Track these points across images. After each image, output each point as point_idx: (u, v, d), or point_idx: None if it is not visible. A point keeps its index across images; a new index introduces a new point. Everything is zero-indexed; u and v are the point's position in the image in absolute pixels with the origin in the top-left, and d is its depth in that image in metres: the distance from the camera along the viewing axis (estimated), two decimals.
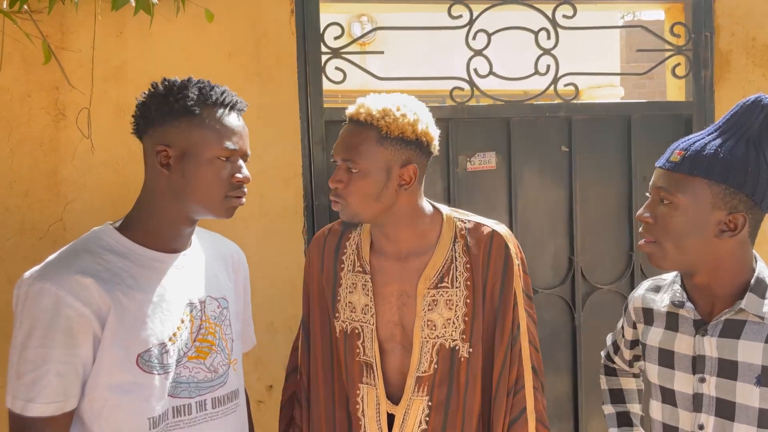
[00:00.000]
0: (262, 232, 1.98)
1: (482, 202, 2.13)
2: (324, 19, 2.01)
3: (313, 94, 1.99)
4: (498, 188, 2.15)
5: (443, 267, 1.39)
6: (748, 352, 1.23)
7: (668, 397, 1.34)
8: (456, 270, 1.39)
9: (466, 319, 1.37)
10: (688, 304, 1.31)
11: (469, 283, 1.38)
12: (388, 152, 1.32)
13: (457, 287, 1.38)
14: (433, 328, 1.37)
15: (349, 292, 1.44)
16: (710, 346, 1.27)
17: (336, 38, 2.00)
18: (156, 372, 1.18)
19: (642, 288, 1.48)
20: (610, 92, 5.62)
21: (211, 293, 1.32)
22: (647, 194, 1.31)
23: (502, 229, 1.43)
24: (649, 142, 2.20)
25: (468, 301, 1.38)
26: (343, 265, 1.45)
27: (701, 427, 1.28)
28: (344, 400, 1.44)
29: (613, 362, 1.63)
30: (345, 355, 1.43)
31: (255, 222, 1.98)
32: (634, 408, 1.61)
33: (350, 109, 1.37)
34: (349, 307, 1.43)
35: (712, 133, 1.27)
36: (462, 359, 1.37)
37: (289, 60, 1.98)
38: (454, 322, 1.37)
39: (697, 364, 1.29)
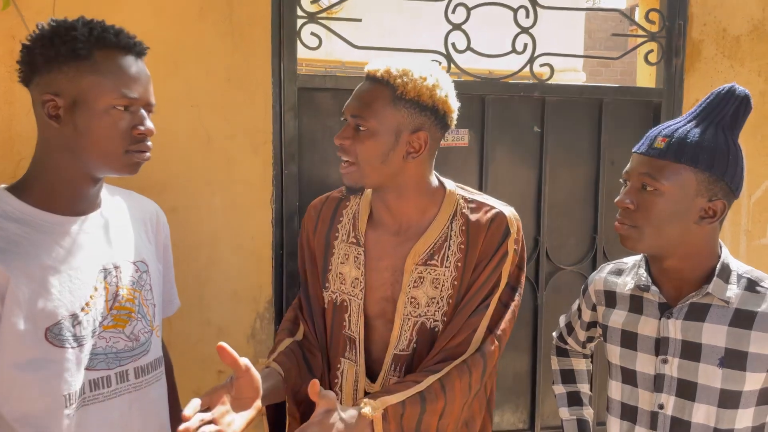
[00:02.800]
0: (229, 199, 1.92)
1: (453, 179, 2.10)
2: None
3: (286, 59, 1.93)
4: (469, 165, 2.14)
5: (435, 244, 1.34)
6: (712, 334, 1.27)
7: (629, 377, 1.37)
8: (448, 249, 1.33)
9: (450, 301, 1.32)
10: (654, 288, 1.34)
11: (459, 264, 1.32)
12: (400, 114, 1.25)
13: (446, 267, 1.33)
14: (416, 306, 1.33)
15: (341, 263, 1.39)
16: (674, 329, 1.30)
17: (312, 2, 1.93)
18: (69, 345, 1.09)
19: (603, 271, 1.50)
20: (574, 76, 5.70)
21: (128, 257, 1.23)
22: (622, 180, 1.32)
23: (508, 210, 1.36)
24: (618, 127, 2.23)
25: (456, 283, 1.32)
26: (337, 234, 1.40)
27: (661, 406, 1.32)
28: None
29: (566, 343, 1.67)
30: (332, 326, 1.39)
31: (222, 188, 1.91)
32: (584, 388, 1.65)
33: (369, 66, 1.30)
34: (339, 278, 1.39)
35: (690, 121, 1.29)
36: None
37: (263, 21, 1.90)
38: (438, 302, 1.33)
39: (660, 345, 1.32)
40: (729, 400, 1.26)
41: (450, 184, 1.40)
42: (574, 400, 1.63)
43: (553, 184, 2.20)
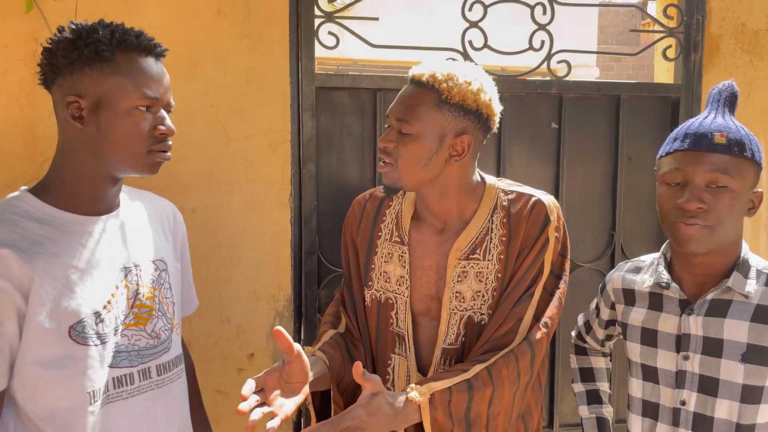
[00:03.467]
0: (247, 199, 1.94)
1: None
2: None
3: (304, 59, 1.94)
4: (487, 162, 2.14)
5: (477, 238, 1.34)
6: (733, 330, 1.27)
7: (650, 374, 1.38)
8: (490, 242, 1.34)
9: (495, 293, 1.33)
10: (674, 285, 1.34)
11: (502, 257, 1.33)
12: (445, 118, 1.26)
13: (489, 260, 1.34)
14: (462, 300, 1.34)
15: (385, 261, 1.40)
16: (695, 325, 1.30)
17: (330, 1, 1.94)
18: (92, 343, 1.11)
19: (621, 269, 1.50)
20: (587, 72, 5.67)
21: (147, 256, 1.24)
22: (673, 183, 1.27)
23: (547, 198, 1.36)
24: (636, 123, 2.22)
25: (499, 275, 1.33)
26: (380, 233, 1.42)
27: (683, 402, 1.32)
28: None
29: (585, 342, 1.66)
30: (378, 324, 1.40)
31: (240, 189, 1.93)
32: (604, 386, 1.65)
33: (414, 70, 1.31)
34: (383, 277, 1.40)
35: (720, 114, 1.32)
36: None
37: (280, 21, 1.91)
38: (483, 295, 1.34)
39: (681, 342, 1.32)
40: (751, 395, 1.26)
41: (490, 179, 1.41)
42: (593, 398, 1.63)
43: (570, 180, 2.19)
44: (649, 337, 1.37)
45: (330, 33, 1.95)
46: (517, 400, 1.30)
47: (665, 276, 1.36)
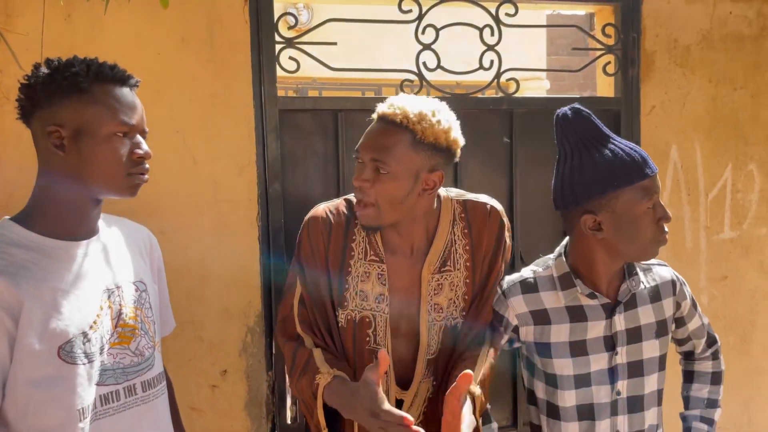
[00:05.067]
0: (216, 220, 1.99)
1: None
2: (277, 8, 2.04)
3: (266, 83, 2.01)
4: (446, 177, 2.23)
5: (444, 251, 1.42)
6: (644, 315, 1.48)
7: (583, 381, 1.46)
8: (456, 253, 1.43)
9: (466, 297, 1.44)
10: (599, 295, 1.45)
11: (468, 264, 1.44)
12: (419, 157, 1.32)
13: (458, 269, 1.43)
14: (440, 311, 1.42)
15: (361, 281, 1.42)
16: (620, 322, 1.46)
17: (290, 28, 2.02)
18: (80, 362, 1.16)
19: (514, 294, 1.50)
20: (538, 84, 5.86)
21: (128, 278, 1.30)
22: (657, 203, 1.38)
23: (497, 205, 1.51)
24: None
25: (467, 281, 1.44)
26: (353, 253, 1.43)
27: (618, 393, 1.46)
28: None
29: None
30: (354, 344, 1.42)
31: (209, 209, 1.99)
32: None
33: (383, 108, 1.36)
34: (360, 296, 1.42)
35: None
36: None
37: (242, 47, 1.99)
38: (455, 302, 1.43)
39: (611, 341, 1.46)
40: (663, 361, 1.52)
41: (442, 191, 1.48)
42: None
43: (523, 191, 2.32)
44: (579, 348, 1.46)
45: (291, 58, 2.03)
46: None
47: (585, 288, 1.45)
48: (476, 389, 1.33)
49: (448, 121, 1.37)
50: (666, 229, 1.39)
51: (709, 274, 2.46)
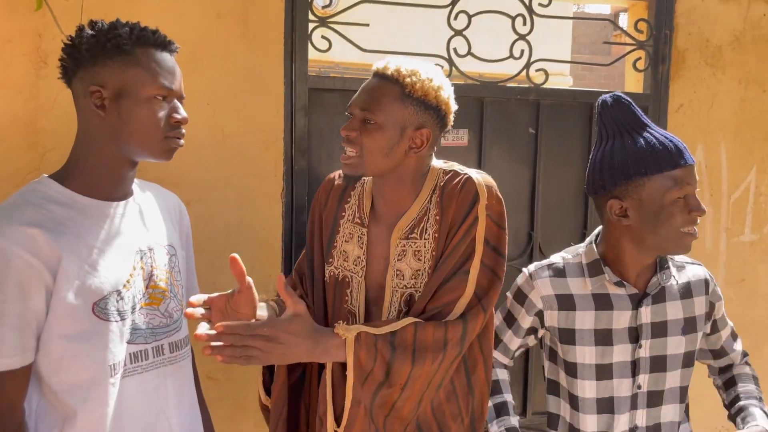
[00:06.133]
0: (241, 194, 2.02)
1: None
2: None
3: (298, 61, 2.03)
4: (468, 164, 2.21)
5: (416, 218, 1.39)
6: (673, 310, 1.46)
7: (604, 372, 1.45)
8: (427, 222, 1.38)
9: (431, 272, 1.36)
10: (627, 284, 1.45)
11: (436, 235, 1.36)
12: (407, 111, 1.33)
13: (425, 239, 1.38)
14: (402, 278, 1.39)
15: (345, 241, 1.45)
16: (646, 315, 1.44)
17: (324, 7, 2.04)
18: (113, 319, 1.19)
19: (541, 275, 1.49)
20: (561, 80, 5.85)
21: (160, 241, 1.33)
22: (688, 196, 1.37)
23: (478, 176, 1.37)
24: None
25: (434, 253, 1.36)
26: (344, 213, 1.48)
27: (639, 386, 1.45)
28: None
29: None
30: (334, 300, 1.45)
31: (235, 184, 2.01)
32: (509, 397, 1.59)
33: (378, 64, 1.38)
34: (342, 255, 1.45)
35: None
36: None
37: (276, 25, 2.00)
38: (421, 274, 1.38)
39: (636, 333, 1.45)
40: (689, 359, 1.50)
41: (436, 162, 1.44)
42: (500, 411, 1.55)
43: (546, 182, 2.33)
44: (603, 337, 1.44)
45: (323, 37, 2.05)
46: (440, 371, 1.30)
47: (614, 277, 1.45)
48: (343, 329, 1.26)
49: (440, 81, 1.35)
50: (698, 221, 1.37)
51: (727, 276, 2.46)
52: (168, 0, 1.91)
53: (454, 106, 1.40)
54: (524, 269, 1.54)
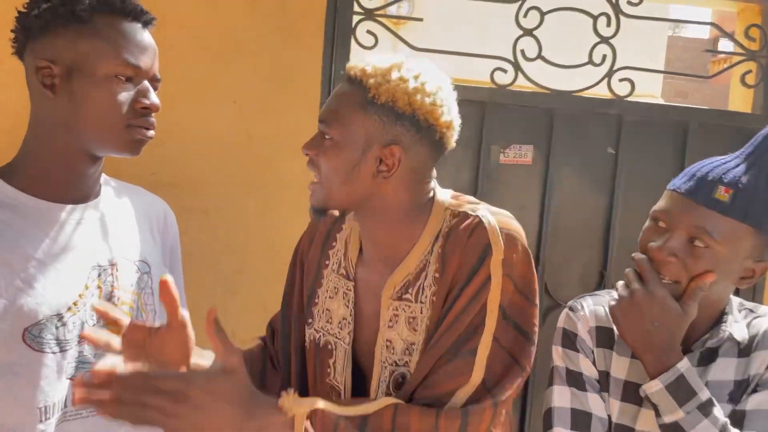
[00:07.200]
0: (264, 204, 1.79)
1: (511, 201, 1.92)
2: None
3: (339, 58, 1.80)
4: (531, 187, 1.94)
5: (413, 273, 1.05)
6: (723, 370, 1.11)
7: None
8: (425, 279, 1.03)
9: (425, 347, 1.02)
10: None
11: (434, 298, 1.02)
12: (371, 122, 0.98)
13: (421, 303, 1.03)
14: (392, 351, 1.05)
15: (329, 297, 1.14)
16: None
17: None
18: (49, 350, 0.96)
19: (585, 307, 1.20)
20: (649, 102, 5.36)
21: (128, 255, 1.09)
22: (656, 222, 1.12)
23: (492, 219, 1.01)
24: (705, 155, 1.97)
25: (429, 323, 1.02)
26: (327, 262, 1.15)
27: None
28: None
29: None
30: (315, 372, 1.14)
31: (258, 192, 1.79)
32: None
33: (349, 63, 1.06)
34: (325, 316, 1.14)
35: (749, 166, 1.08)
36: None
37: (317, 16, 1.78)
38: (415, 349, 1.03)
39: None
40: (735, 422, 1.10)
41: (443, 195, 1.08)
42: None
43: (625, 212, 1.98)
44: (632, 394, 1.13)
45: (368, 32, 1.80)
46: None
47: None
48: (290, 403, 0.86)
49: (421, 83, 0.99)
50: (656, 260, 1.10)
51: None
52: None
53: (447, 118, 1.02)
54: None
